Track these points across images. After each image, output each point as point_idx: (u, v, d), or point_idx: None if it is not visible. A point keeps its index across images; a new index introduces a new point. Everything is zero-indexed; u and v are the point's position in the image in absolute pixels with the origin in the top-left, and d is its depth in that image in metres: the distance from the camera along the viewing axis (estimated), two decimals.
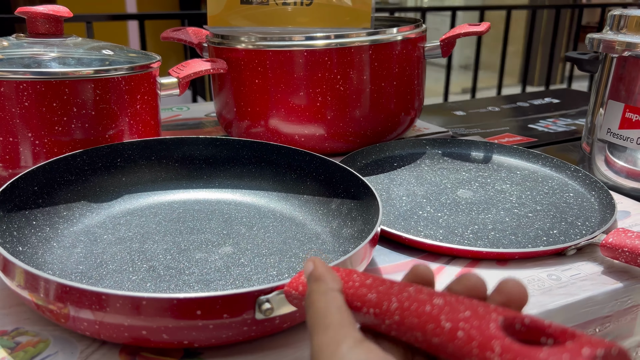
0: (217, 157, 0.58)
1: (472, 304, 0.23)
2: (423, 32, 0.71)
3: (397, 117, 0.71)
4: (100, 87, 0.53)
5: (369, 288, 0.26)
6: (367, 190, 0.49)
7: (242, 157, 0.58)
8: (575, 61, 0.71)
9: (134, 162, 0.55)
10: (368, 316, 0.26)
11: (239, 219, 0.52)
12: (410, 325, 0.23)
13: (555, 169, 0.64)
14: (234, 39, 0.66)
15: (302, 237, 0.49)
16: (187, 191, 0.56)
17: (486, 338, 0.21)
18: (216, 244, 0.47)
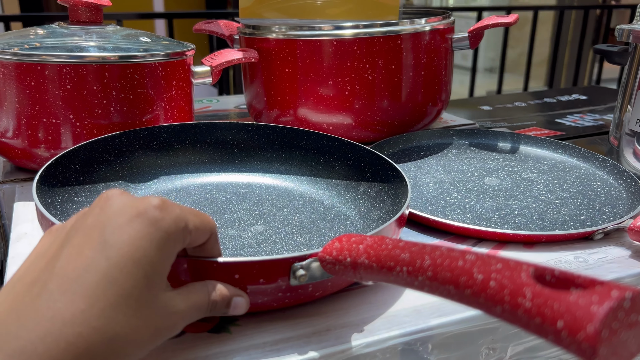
0: (248, 142, 0.59)
1: (504, 259, 0.24)
2: (451, 24, 0.72)
3: (424, 107, 0.72)
4: (138, 71, 0.55)
5: (402, 249, 0.28)
6: (395, 173, 0.50)
7: (272, 142, 0.59)
8: (605, 53, 0.71)
9: (169, 145, 0.56)
10: (401, 274, 0.27)
11: (270, 200, 0.53)
12: (443, 279, 0.25)
13: (583, 159, 0.65)
14: (265, 29, 0.68)
15: (331, 218, 0.50)
16: (219, 174, 0.58)
17: (517, 286, 0.22)
18: (248, 223, 0.48)
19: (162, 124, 0.57)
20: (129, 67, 0.55)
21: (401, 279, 0.27)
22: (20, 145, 0.56)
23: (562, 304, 0.20)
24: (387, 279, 0.28)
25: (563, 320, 0.20)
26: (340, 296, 0.40)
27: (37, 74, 0.52)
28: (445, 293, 0.25)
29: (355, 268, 0.31)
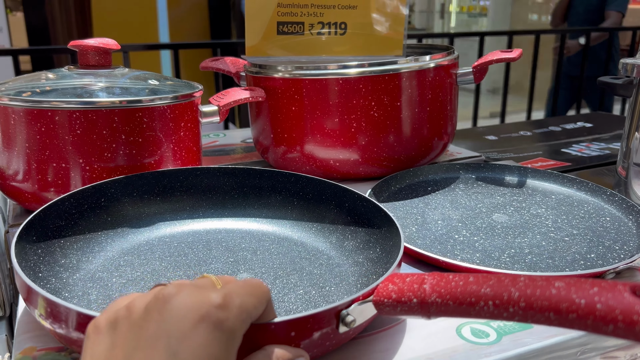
0: (198, 187, 0.57)
1: (592, 282, 0.26)
2: (455, 59, 0.72)
3: (430, 142, 0.72)
4: (147, 115, 0.56)
5: (478, 284, 0.30)
6: (366, 203, 0.50)
7: (223, 184, 0.58)
8: (609, 86, 0.71)
9: (117, 200, 0.53)
10: (486, 308, 0.29)
11: (239, 245, 0.52)
12: (540, 308, 0.27)
13: (591, 193, 0.64)
14: (271, 68, 0.69)
15: (307, 254, 0.50)
16: (173, 224, 0.55)
17: (627, 305, 0.24)
18: (231, 272, 0.48)
19: (108, 179, 0.53)
20: (137, 111, 0.55)
21: (485, 312, 0.29)
22: (30, 189, 0.56)
23: None
24: (467, 314, 0.30)
25: None
26: (345, 347, 0.39)
27: (48, 120, 0.53)
28: (542, 320, 0.27)
29: (425, 307, 0.32)
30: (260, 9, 0.73)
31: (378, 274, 0.45)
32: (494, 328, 0.41)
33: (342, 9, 0.76)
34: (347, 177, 0.72)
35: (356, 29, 0.77)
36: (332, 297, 0.44)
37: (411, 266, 0.51)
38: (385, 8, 0.77)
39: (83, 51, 0.60)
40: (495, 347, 0.39)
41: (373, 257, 0.48)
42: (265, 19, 0.74)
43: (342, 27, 0.76)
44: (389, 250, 0.46)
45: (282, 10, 0.74)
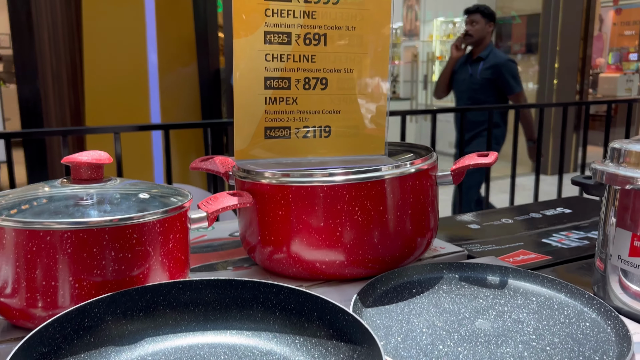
0: (180, 300, 0.58)
1: None
2: (435, 162, 0.76)
3: (413, 242, 0.74)
4: (137, 231, 0.58)
5: None
6: (347, 317, 0.51)
7: (205, 296, 0.58)
8: (581, 185, 0.74)
9: (100, 320, 0.54)
10: None
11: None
12: None
13: (570, 296, 0.66)
14: (259, 175, 0.71)
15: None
16: (156, 340, 0.55)
17: None
18: None
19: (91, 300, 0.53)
20: (128, 228, 0.57)
21: None
22: (18, 305, 0.57)
23: None
24: None
25: None
26: None
27: (39, 240, 0.54)
28: None
29: None
30: (248, 116, 0.77)
31: None
32: None
33: (326, 114, 0.79)
34: (334, 278, 0.73)
35: (340, 131, 0.81)
36: None
37: None
38: (367, 107, 0.81)
39: (76, 166, 0.62)
40: None
41: None
42: (253, 124, 0.77)
43: (326, 130, 0.80)
44: None
45: (269, 117, 0.77)
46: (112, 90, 3.27)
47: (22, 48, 3.15)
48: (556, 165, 5.14)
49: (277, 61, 0.76)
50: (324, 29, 0.77)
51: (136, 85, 3.28)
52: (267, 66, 0.75)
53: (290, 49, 0.75)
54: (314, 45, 0.76)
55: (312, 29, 0.76)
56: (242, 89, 0.75)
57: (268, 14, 0.73)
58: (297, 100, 0.78)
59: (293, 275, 0.73)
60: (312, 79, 0.77)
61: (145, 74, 3.31)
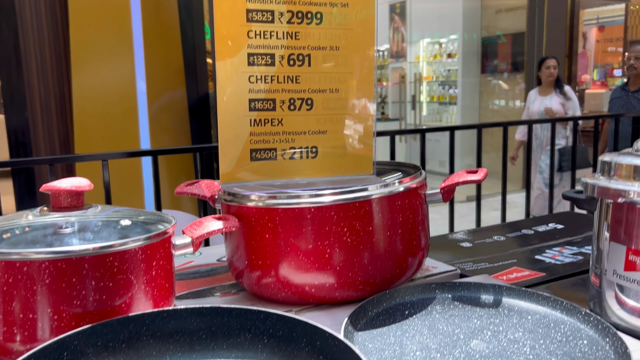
0: (165, 330, 0.56)
1: None
2: (423, 180, 0.75)
3: (404, 262, 0.72)
4: (118, 259, 0.56)
5: None
6: (337, 343, 0.50)
7: (190, 325, 0.56)
8: (573, 200, 0.73)
9: (80, 353, 0.51)
10: None
11: None
12: None
13: (566, 313, 0.65)
14: (245, 198, 0.70)
15: None
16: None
17: None
18: None
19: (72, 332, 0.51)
20: (108, 256, 0.55)
21: None
22: None
23: None
24: None
25: None
26: None
27: (16, 271, 0.52)
28: None
29: None
30: (233, 138, 0.76)
31: None
32: None
33: (312, 134, 0.78)
34: (324, 302, 0.71)
35: (327, 152, 0.80)
36: None
37: None
38: (355, 128, 0.80)
39: (55, 194, 0.61)
40: None
41: None
42: (239, 147, 0.76)
43: (313, 151, 0.79)
44: None
45: (255, 139, 0.76)
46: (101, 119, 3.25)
47: (10, 79, 3.14)
48: None
49: (262, 82, 0.75)
50: (308, 50, 0.76)
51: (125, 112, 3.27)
52: (251, 88, 0.74)
53: (274, 70, 0.75)
54: (298, 65, 0.76)
55: (295, 50, 0.76)
56: (226, 111, 0.74)
57: (251, 35, 0.73)
58: (282, 121, 0.77)
59: (282, 299, 0.71)
60: (297, 99, 0.76)
61: (134, 101, 3.31)
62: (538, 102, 3.71)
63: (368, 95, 0.79)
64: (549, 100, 3.64)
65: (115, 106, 3.28)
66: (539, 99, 3.74)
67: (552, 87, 3.68)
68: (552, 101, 3.62)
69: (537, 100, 3.73)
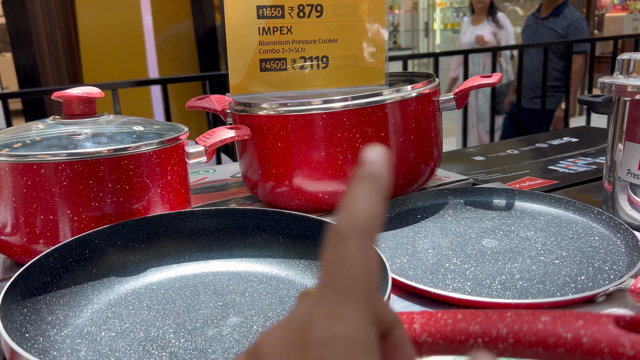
0: (183, 231, 0.57)
1: (576, 315, 0.27)
2: (437, 87, 0.73)
3: (417, 169, 0.73)
4: (133, 162, 0.56)
5: (466, 322, 0.30)
6: None
7: (208, 226, 0.58)
8: (589, 104, 0.72)
9: (101, 251, 0.53)
10: (476, 345, 0.29)
11: (226, 288, 0.52)
12: (529, 343, 0.27)
13: (579, 213, 0.65)
14: (256, 106, 0.70)
15: (296, 293, 0.50)
16: (159, 270, 0.55)
17: (612, 338, 0.25)
18: (220, 317, 0.47)
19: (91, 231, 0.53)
20: (123, 159, 0.56)
21: (476, 350, 0.29)
22: (19, 242, 0.56)
23: None
24: (458, 352, 0.30)
25: None
26: None
27: (34, 173, 0.53)
28: (531, 355, 0.27)
29: (417, 347, 0.32)
30: (242, 48, 0.74)
31: None
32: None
33: (323, 43, 0.77)
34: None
35: (338, 62, 0.78)
36: None
37: (403, 299, 0.51)
38: (366, 37, 0.78)
39: (67, 101, 0.61)
40: None
41: None
42: (247, 57, 0.75)
43: (324, 61, 0.77)
44: (378, 286, 0.46)
45: (264, 48, 0.75)
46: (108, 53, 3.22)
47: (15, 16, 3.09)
48: None
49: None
50: None
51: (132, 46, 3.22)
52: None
53: None
54: None
55: None
56: (234, 19, 0.73)
57: None
58: (291, 29, 0.75)
59: (296, 207, 0.72)
60: (307, 5, 0.74)
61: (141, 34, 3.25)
62: (469, 32, 3.26)
63: (379, 12, 0.77)
64: (480, 29, 3.20)
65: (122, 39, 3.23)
66: (470, 28, 3.28)
67: (485, 14, 3.20)
68: (484, 30, 3.18)
69: (469, 30, 3.28)
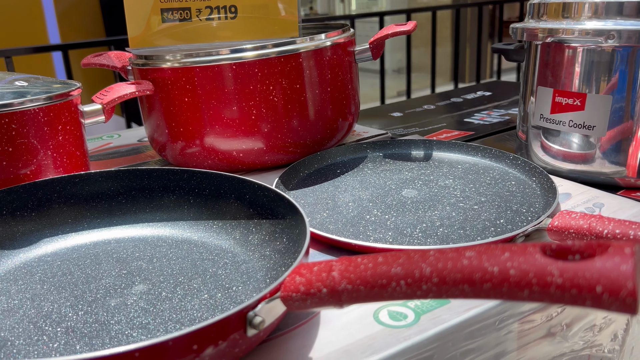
0: (79, 196, 0.52)
1: (502, 247, 0.25)
2: (351, 36, 0.70)
3: (335, 123, 0.70)
4: (16, 120, 0.50)
5: (387, 264, 0.28)
6: (267, 193, 0.48)
7: (108, 190, 0.53)
8: (502, 52, 0.72)
9: None
10: (399, 288, 0.27)
11: (131, 255, 0.47)
12: (454, 281, 0.25)
13: (495, 159, 0.65)
14: (159, 59, 0.64)
15: (210, 255, 0.47)
16: (54, 240, 0.50)
17: (539, 267, 0.23)
18: (125, 286, 0.43)
19: None
20: (4, 117, 0.49)
21: (398, 293, 0.27)
22: None
23: (593, 271, 0.22)
24: (380, 297, 0.28)
25: (601, 285, 0.22)
26: (258, 350, 0.36)
27: None
28: (457, 293, 0.26)
29: (336, 296, 0.30)
30: None
31: (287, 266, 0.42)
32: (411, 308, 0.40)
33: None
34: (253, 168, 0.68)
35: (247, 12, 0.73)
36: (239, 297, 0.41)
37: (325, 253, 0.49)
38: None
39: None
40: (414, 328, 0.37)
41: (280, 248, 0.45)
42: (147, 6, 0.69)
43: (232, 11, 0.72)
44: (296, 240, 0.43)
45: None
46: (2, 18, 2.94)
47: None
48: (474, 73, 5.25)
49: None
50: None
51: (28, 10, 2.96)
52: None
53: None
54: None
55: None
56: None
57: None
58: None
59: (210, 167, 0.68)
60: None
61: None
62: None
63: None
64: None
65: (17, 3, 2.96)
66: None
67: None
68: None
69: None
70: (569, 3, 0.59)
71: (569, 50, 0.60)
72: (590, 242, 0.24)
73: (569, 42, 0.59)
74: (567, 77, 0.61)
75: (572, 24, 0.59)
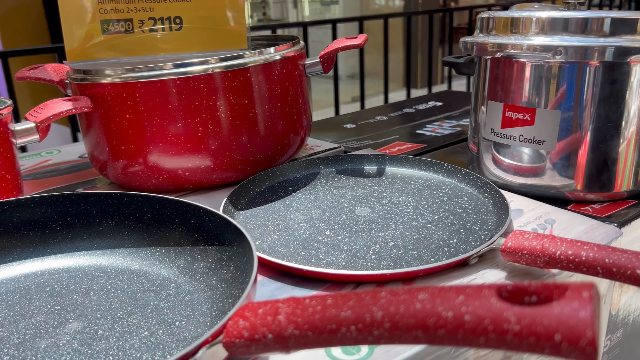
0: (9, 224, 0.48)
1: (459, 288, 0.24)
2: (302, 50, 0.69)
3: (286, 138, 0.68)
4: None
5: (337, 307, 0.26)
6: (213, 217, 0.46)
7: (41, 217, 0.49)
8: (452, 65, 0.72)
9: None
10: (349, 334, 0.25)
11: (66, 288, 0.44)
12: (407, 326, 0.24)
13: (447, 174, 0.64)
14: (98, 73, 0.60)
15: (152, 285, 0.44)
16: None
17: (495, 312, 0.22)
18: (57, 324, 0.39)
19: None
20: None
21: (349, 339, 0.25)
22: None
23: (551, 318, 0.21)
24: (329, 343, 0.26)
25: (560, 333, 0.21)
26: None
27: None
28: (410, 339, 0.24)
29: (283, 342, 0.28)
30: (78, 7, 0.64)
31: (234, 297, 0.40)
32: None
33: (174, 2, 0.69)
34: (201, 187, 0.65)
35: (193, 23, 0.71)
36: (182, 334, 0.38)
37: (275, 280, 0.47)
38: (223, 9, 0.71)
39: None
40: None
41: (227, 277, 0.42)
42: (85, 17, 0.65)
43: (177, 22, 0.69)
44: (244, 268, 0.41)
45: (104, 7, 0.65)
46: None
47: None
48: (425, 80, 5.33)
49: None
50: None
51: None
52: None
53: None
54: None
55: None
56: None
57: None
58: None
59: (154, 187, 0.65)
60: None
61: None
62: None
63: None
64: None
65: None
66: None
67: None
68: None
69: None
70: (516, 18, 0.59)
71: (518, 65, 0.60)
72: (547, 284, 0.23)
73: (517, 57, 0.59)
74: (516, 92, 0.61)
75: (520, 39, 0.59)
